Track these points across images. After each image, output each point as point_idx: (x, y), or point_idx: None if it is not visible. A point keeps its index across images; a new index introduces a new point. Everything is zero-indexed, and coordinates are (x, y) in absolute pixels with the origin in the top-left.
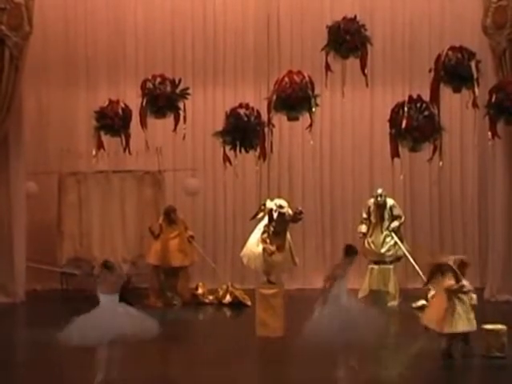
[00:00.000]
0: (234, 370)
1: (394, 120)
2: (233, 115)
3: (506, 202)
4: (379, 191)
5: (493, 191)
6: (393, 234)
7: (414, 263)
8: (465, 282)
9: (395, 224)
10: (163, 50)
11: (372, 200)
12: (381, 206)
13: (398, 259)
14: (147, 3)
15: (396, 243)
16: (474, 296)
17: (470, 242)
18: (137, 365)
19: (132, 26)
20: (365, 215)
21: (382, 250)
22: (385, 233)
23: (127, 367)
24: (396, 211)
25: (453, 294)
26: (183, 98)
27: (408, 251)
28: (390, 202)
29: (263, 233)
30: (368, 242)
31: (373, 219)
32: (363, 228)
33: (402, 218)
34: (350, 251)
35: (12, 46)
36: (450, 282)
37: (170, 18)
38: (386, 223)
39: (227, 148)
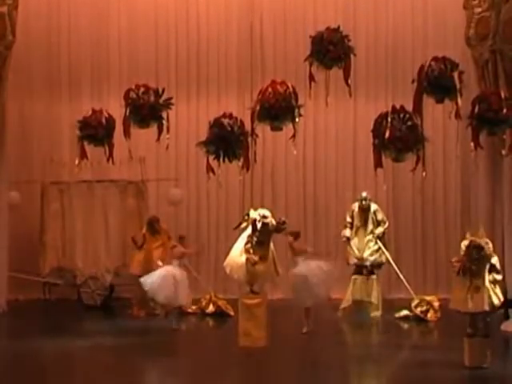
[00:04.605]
0: (216, 381)
1: (378, 130)
2: (216, 125)
3: (488, 212)
4: (364, 194)
5: (475, 201)
6: (377, 240)
7: (397, 270)
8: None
9: (380, 230)
10: (146, 60)
11: (356, 204)
12: (365, 210)
13: (379, 265)
14: (130, 14)
15: (379, 249)
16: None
17: (452, 251)
18: (119, 374)
19: (115, 37)
20: (349, 219)
21: (365, 254)
22: (368, 237)
23: (109, 376)
24: (380, 216)
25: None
26: (166, 108)
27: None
28: (373, 206)
29: (246, 243)
30: (350, 245)
31: (357, 223)
32: (347, 232)
33: (386, 224)
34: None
35: None
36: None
37: (153, 29)
38: (370, 227)
39: (210, 158)
